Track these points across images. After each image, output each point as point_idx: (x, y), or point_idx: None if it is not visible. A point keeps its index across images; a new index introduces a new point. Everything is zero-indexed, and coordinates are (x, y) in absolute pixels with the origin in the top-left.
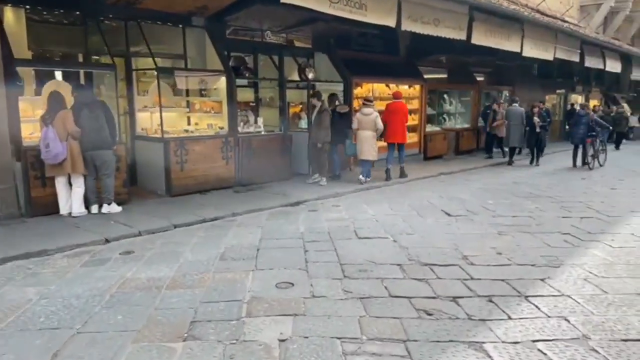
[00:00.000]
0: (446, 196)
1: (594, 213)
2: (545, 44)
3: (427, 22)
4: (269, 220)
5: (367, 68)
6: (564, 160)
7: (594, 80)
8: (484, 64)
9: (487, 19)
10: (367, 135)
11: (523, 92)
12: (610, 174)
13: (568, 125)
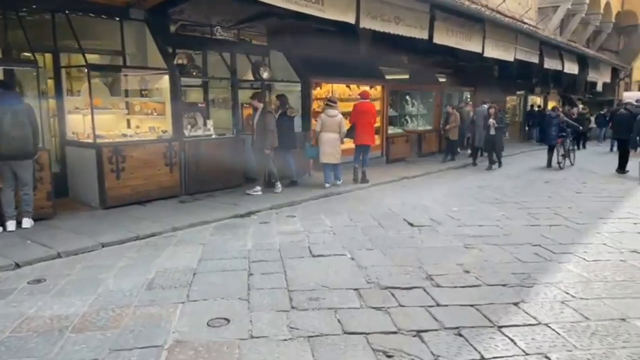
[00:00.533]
0: (409, 203)
1: (563, 220)
2: (506, 44)
3: (388, 20)
4: (214, 236)
5: (326, 68)
6: (526, 162)
7: (552, 82)
8: (445, 64)
9: (449, 18)
10: (332, 138)
11: (484, 94)
12: (573, 176)
13: (528, 127)
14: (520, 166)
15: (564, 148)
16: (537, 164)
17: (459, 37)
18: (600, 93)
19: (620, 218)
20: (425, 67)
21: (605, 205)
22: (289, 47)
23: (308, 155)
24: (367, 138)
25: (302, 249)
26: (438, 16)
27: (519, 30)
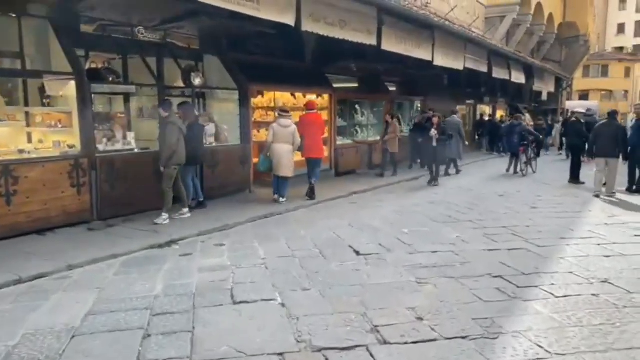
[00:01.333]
0: (357, 224)
1: (522, 243)
2: (455, 53)
3: (332, 24)
4: (118, 276)
5: (267, 74)
6: (478, 172)
7: (499, 92)
8: (395, 73)
9: (397, 24)
10: (285, 150)
11: (434, 103)
12: (527, 188)
13: (478, 136)
14: (472, 177)
15: (526, 156)
16: (489, 174)
17: (408, 45)
18: (545, 102)
19: (582, 238)
20: (375, 75)
21: (564, 222)
22: (225, 52)
23: (261, 168)
24: (315, 151)
25: (222, 292)
26: (386, 21)
27: (468, 39)
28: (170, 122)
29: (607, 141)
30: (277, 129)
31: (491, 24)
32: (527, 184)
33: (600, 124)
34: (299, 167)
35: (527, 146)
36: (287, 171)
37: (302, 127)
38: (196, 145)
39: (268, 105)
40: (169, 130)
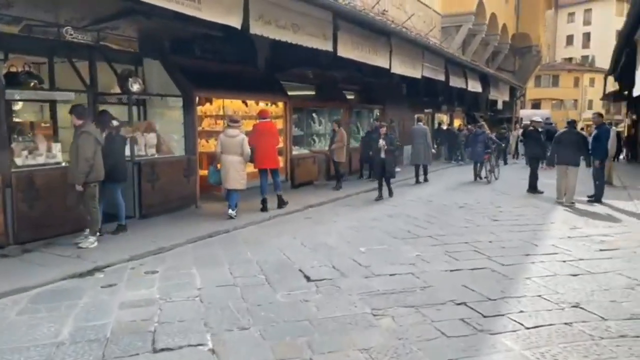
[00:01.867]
0: (310, 243)
1: (486, 261)
2: (413, 61)
3: (284, 27)
4: (22, 315)
5: (216, 80)
6: (436, 182)
7: (456, 100)
8: (353, 80)
9: (354, 30)
10: (233, 161)
11: (393, 111)
12: (487, 198)
13: (436, 145)
14: (431, 187)
15: (490, 163)
16: (448, 183)
17: (365, 51)
18: (501, 111)
19: (547, 254)
20: (332, 82)
21: (527, 236)
22: (167, 55)
23: (212, 180)
24: (269, 161)
25: (142, 336)
26: (342, 26)
27: (425, 47)
28: (85, 131)
29: (569, 149)
30: (223, 139)
31: (447, 34)
32: (486, 194)
33: (562, 132)
34: (252, 179)
35: (491, 154)
36: (236, 183)
37: (254, 137)
38: (117, 160)
39: (217, 113)
40: (83, 141)
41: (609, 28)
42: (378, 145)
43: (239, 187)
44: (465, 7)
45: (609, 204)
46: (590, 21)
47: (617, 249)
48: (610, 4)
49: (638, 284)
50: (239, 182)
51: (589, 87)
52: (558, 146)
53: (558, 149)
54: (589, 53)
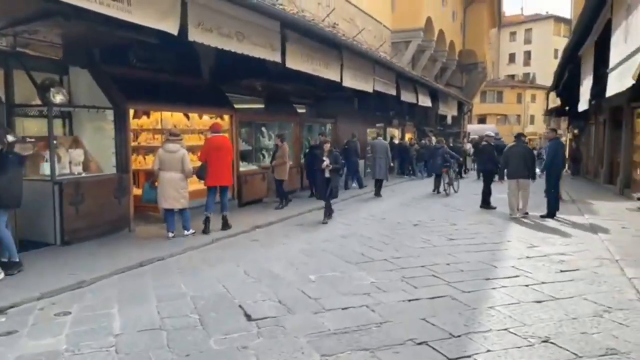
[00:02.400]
0: (254, 271)
1: (446, 288)
2: (364, 75)
3: (228, 35)
4: None
5: (153, 91)
6: (389, 198)
7: (407, 115)
8: (304, 94)
9: (303, 41)
10: (172, 178)
11: (345, 126)
12: (441, 215)
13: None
14: (384, 203)
15: (449, 177)
16: (401, 199)
17: (316, 64)
18: (450, 125)
19: (508, 278)
20: (282, 95)
21: (484, 257)
22: (97, 64)
23: (145, 199)
24: (224, 177)
25: None
26: (290, 37)
27: (376, 60)
28: None
29: (518, 163)
30: (162, 154)
31: (397, 49)
32: (440, 210)
33: (510, 146)
34: (195, 197)
35: (449, 167)
36: (175, 202)
37: (207, 152)
38: (6, 183)
39: (155, 127)
40: None
41: (548, 47)
42: (322, 165)
43: (178, 206)
44: (414, 23)
45: (562, 219)
46: (530, 40)
47: (577, 270)
48: (549, 24)
49: (605, 310)
50: (178, 201)
51: (531, 103)
52: (508, 160)
53: (508, 163)
54: (530, 70)
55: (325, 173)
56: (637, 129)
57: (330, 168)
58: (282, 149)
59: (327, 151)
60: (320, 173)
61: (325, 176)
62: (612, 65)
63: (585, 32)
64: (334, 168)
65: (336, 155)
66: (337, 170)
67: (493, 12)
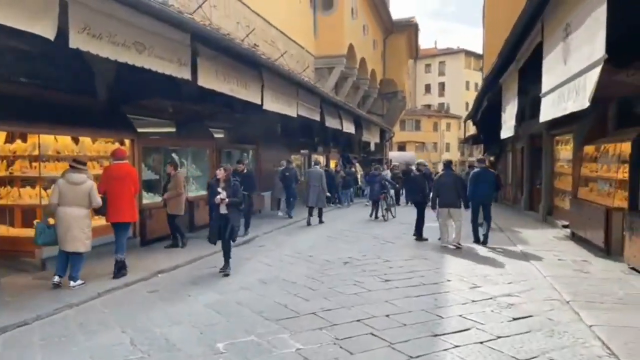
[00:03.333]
0: (145, 340)
1: (389, 352)
2: (287, 98)
3: (124, 45)
4: None
5: (30, 110)
6: (313, 229)
7: (331, 141)
8: (223, 117)
9: (218, 58)
10: (76, 215)
11: (267, 152)
12: (372, 250)
13: None
14: (311, 235)
15: (386, 203)
16: (328, 230)
17: (233, 83)
18: (373, 152)
19: (458, 332)
20: (197, 118)
21: (427, 303)
22: None
23: (42, 241)
24: (126, 213)
25: None
26: (202, 52)
27: (300, 83)
28: None
29: (448, 191)
30: (64, 186)
31: (321, 75)
32: (370, 243)
33: (440, 174)
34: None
35: (386, 194)
36: (79, 244)
37: (106, 182)
38: None
39: (31, 153)
40: None
41: (460, 79)
42: (216, 199)
43: (82, 249)
44: (337, 49)
45: (495, 249)
46: (444, 72)
47: (530, 316)
48: (460, 58)
49: None
50: (82, 243)
51: (446, 131)
52: (439, 189)
53: (438, 191)
54: (444, 101)
55: (220, 208)
56: (557, 156)
57: (226, 202)
58: (175, 178)
59: (224, 180)
60: (215, 208)
61: (221, 212)
62: (545, 90)
63: (509, 59)
64: (233, 202)
65: (235, 186)
66: (236, 204)
67: (410, 43)
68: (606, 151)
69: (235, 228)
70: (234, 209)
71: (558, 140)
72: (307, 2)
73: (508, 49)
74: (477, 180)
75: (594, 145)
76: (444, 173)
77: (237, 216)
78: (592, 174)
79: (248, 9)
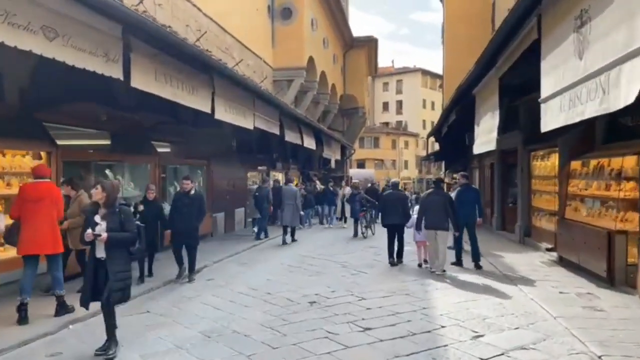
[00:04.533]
0: None
1: None
2: (243, 108)
3: (28, 30)
4: None
5: None
6: (273, 255)
7: (291, 158)
8: (170, 130)
9: (158, 56)
10: None
11: (221, 168)
12: (342, 283)
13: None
14: (268, 263)
15: (366, 220)
16: (291, 255)
17: (177, 87)
18: (334, 169)
19: None
20: (137, 129)
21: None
22: None
23: None
24: (47, 243)
25: None
26: (136, 47)
27: (257, 92)
28: None
29: (437, 212)
30: None
31: (279, 88)
32: (338, 274)
33: (428, 193)
34: None
35: (366, 211)
36: None
37: (21, 205)
38: None
39: None
40: None
41: (417, 97)
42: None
43: None
44: (297, 61)
45: (484, 279)
46: (401, 91)
47: None
48: (417, 77)
49: None
50: None
51: (404, 149)
52: (425, 210)
53: (425, 212)
54: (402, 119)
55: (96, 249)
56: (534, 173)
57: (103, 239)
58: (76, 201)
59: (104, 205)
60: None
61: (96, 255)
62: (547, 94)
63: (488, 66)
64: (116, 240)
65: (125, 214)
66: (123, 244)
67: (370, 59)
68: (599, 167)
69: (119, 284)
70: (119, 251)
71: (535, 155)
72: (265, 11)
73: (489, 54)
74: (460, 198)
75: (582, 160)
76: (433, 192)
77: (121, 264)
78: (581, 192)
79: (200, 12)
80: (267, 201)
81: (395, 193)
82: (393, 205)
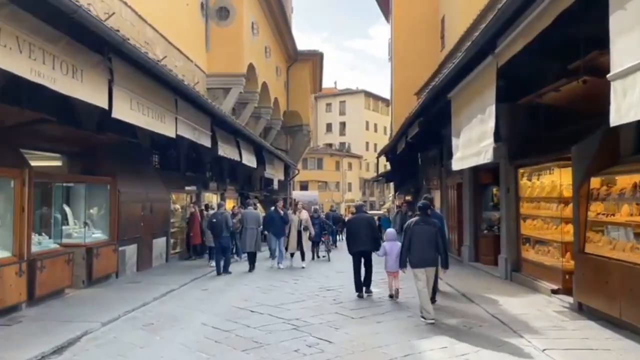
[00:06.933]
0: None
1: None
2: (160, 110)
3: None
4: None
5: None
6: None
7: (228, 177)
8: (63, 136)
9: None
10: None
11: (131, 187)
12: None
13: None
14: (183, 332)
15: (327, 244)
16: (213, 317)
17: (48, 64)
18: (276, 191)
19: None
20: (8, 135)
21: None
22: None
23: None
24: None
25: None
26: None
27: (180, 90)
28: None
29: (427, 245)
30: None
31: (214, 96)
32: (289, 346)
33: (414, 221)
34: None
35: (327, 235)
36: None
37: None
38: None
39: None
40: None
41: (360, 119)
42: None
43: None
44: (235, 67)
45: (481, 335)
46: (344, 112)
47: None
48: (360, 98)
49: None
50: None
51: (348, 170)
52: (411, 242)
53: (411, 245)
54: (345, 140)
55: None
56: (522, 194)
57: None
58: None
59: None
60: None
61: None
62: (627, 66)
63: (484, 52)
64: None
65: None
66: None
67: (315, 75)
68: (633, 185)
69: None
70: None
71: (524, 172)
72: (197, 8)
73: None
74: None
75: (604, 176)
76: (418, 219)
77: None
78: (607, 219)
79: None
80: (227, 228)
81: (361, 216)
82: (360, 230)
